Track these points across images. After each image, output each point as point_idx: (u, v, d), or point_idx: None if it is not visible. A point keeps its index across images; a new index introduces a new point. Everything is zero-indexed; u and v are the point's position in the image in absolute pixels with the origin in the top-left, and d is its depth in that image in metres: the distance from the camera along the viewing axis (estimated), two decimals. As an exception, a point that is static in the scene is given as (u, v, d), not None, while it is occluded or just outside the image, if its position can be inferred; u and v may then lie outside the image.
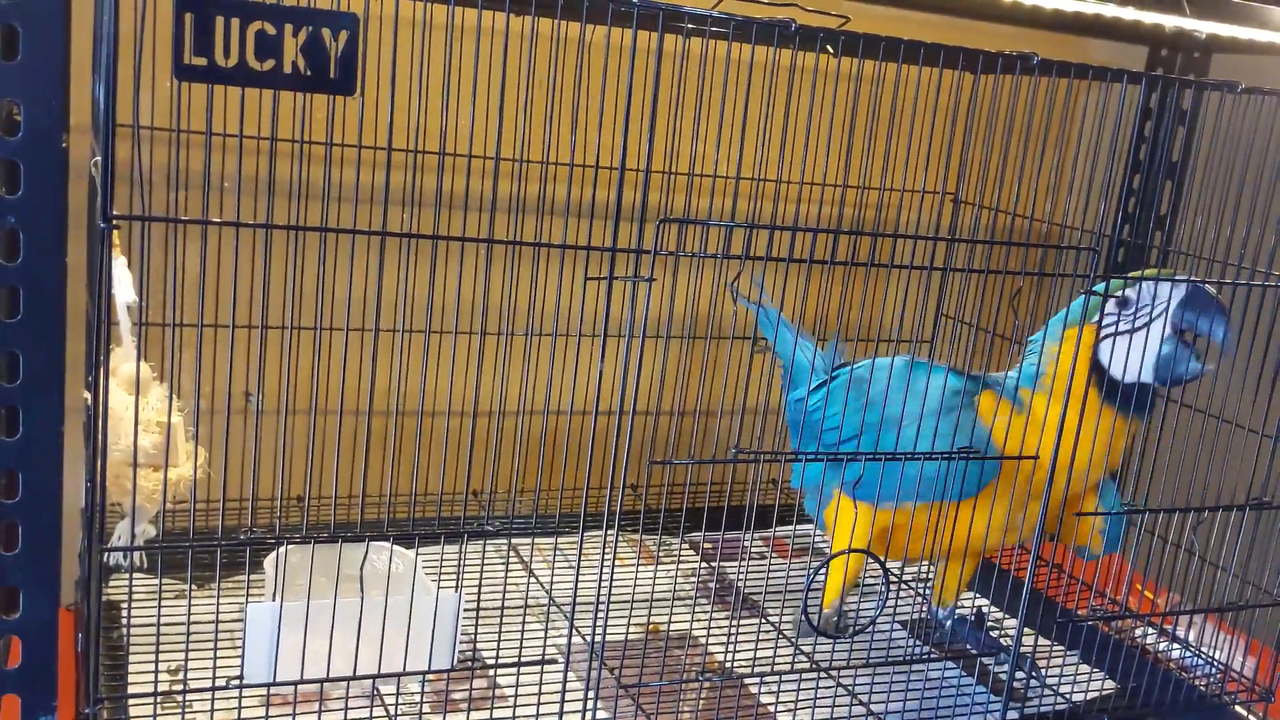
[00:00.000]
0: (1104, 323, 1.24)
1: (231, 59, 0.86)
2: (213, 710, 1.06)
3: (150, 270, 1.15)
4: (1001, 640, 1.44)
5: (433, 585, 1.22)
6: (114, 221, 0.90)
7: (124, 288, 1.19)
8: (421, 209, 1.42)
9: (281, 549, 1.22)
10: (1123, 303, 1.22)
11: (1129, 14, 1.42)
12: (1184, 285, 1.21)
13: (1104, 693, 1.40)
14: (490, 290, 1.21)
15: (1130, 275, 1.25)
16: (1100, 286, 1.24)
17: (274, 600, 1.17)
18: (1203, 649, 1.51)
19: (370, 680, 1.11)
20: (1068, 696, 1.37)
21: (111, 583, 1.33)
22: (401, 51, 1.04)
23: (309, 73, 0.88)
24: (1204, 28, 1.47)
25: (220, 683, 1.04)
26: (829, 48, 1.12)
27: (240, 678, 1.07)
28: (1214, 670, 1.47)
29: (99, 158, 1.01)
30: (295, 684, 1.02)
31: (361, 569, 1.05)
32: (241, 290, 1.02)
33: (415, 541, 1.20)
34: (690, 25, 1.11)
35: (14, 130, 0.84)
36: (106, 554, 1.26)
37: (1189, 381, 1.24)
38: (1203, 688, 1.44)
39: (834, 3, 1.16)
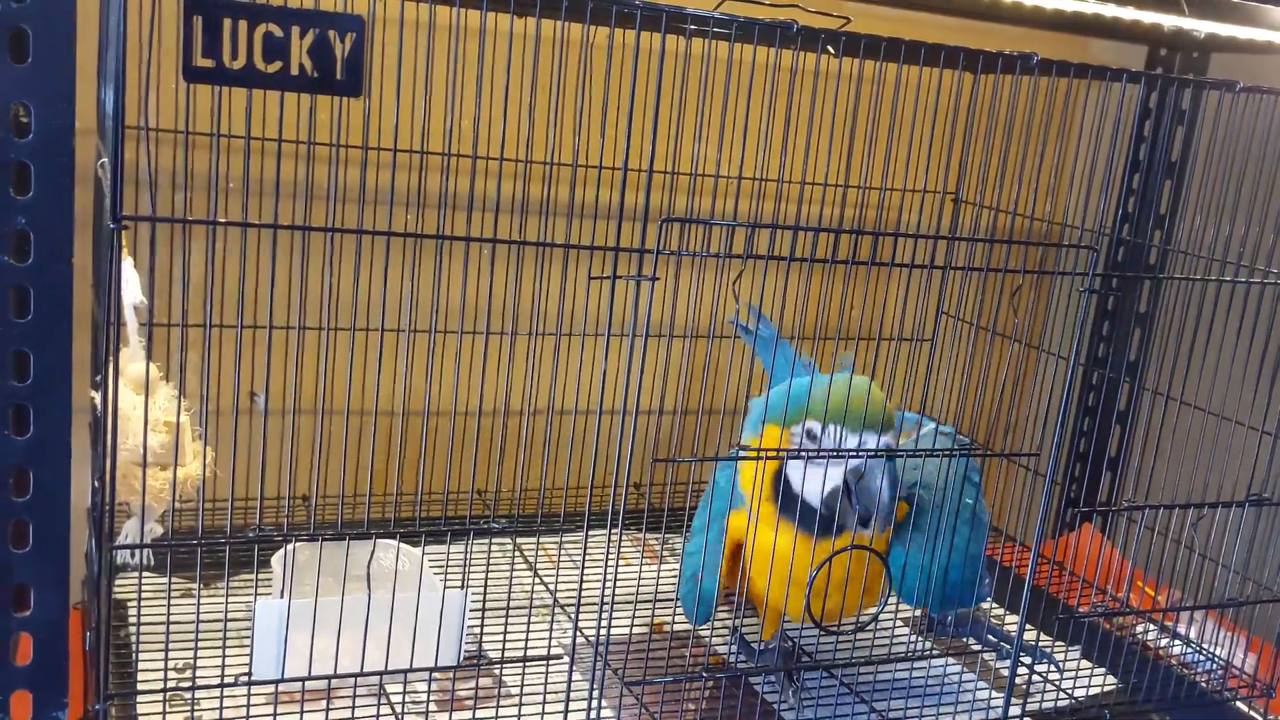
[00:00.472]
0: (793, 438, 1.20)
1: (239, 61, 0.86)
2: (221, 707, 1.07)
3: (157, 271, 1.16)
4: (1005, 633, 1.44)
5: (439, 583, 1.23)
6: (123, 222, 0.90)
7: (131, 288, 1.20)
8: (425, 210, 1.44)
9: (289, 547, 1.23)
10: (810, 434, 1.19)
11: (1128, 14, 1.43)
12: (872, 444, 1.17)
13: (1105, 689, 1.41)
14: (494, 291, 1.22)
15: (833, 404, 1.19)
16: (822, 382, 1.20)
17: (281, 598, 1.18)
18: (1204, 645, 1.51)
19: (377, 678, 1.12)
20: (1069, 692, 1.38)
21: (119, 582, 1.34)
22: (406, 53, 1.05)
23: (315, 74, 0.89)
24: (1202, 27, 1.48)
25: (228, 680, 1.04)
26: (830, 48, 1.13)
27: (248, 675, 1.08)
28: (1215, 666, 1.48)
29: (105, 160, 1.02)
30: (303, 680, 1.03)
31: (368, 567, 1.06)
32: (247, 291, 1.03)
33: (422, 539, 1.21)
34: (693, 26, 1.11)
35: (24, 132, 0.85)
36: (115, 552, 1.27)
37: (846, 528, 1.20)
38: (1204, 684, 1.45)
39: (835, 4, 1.17)
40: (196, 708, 1.15)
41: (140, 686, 1.15)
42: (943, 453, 1.24)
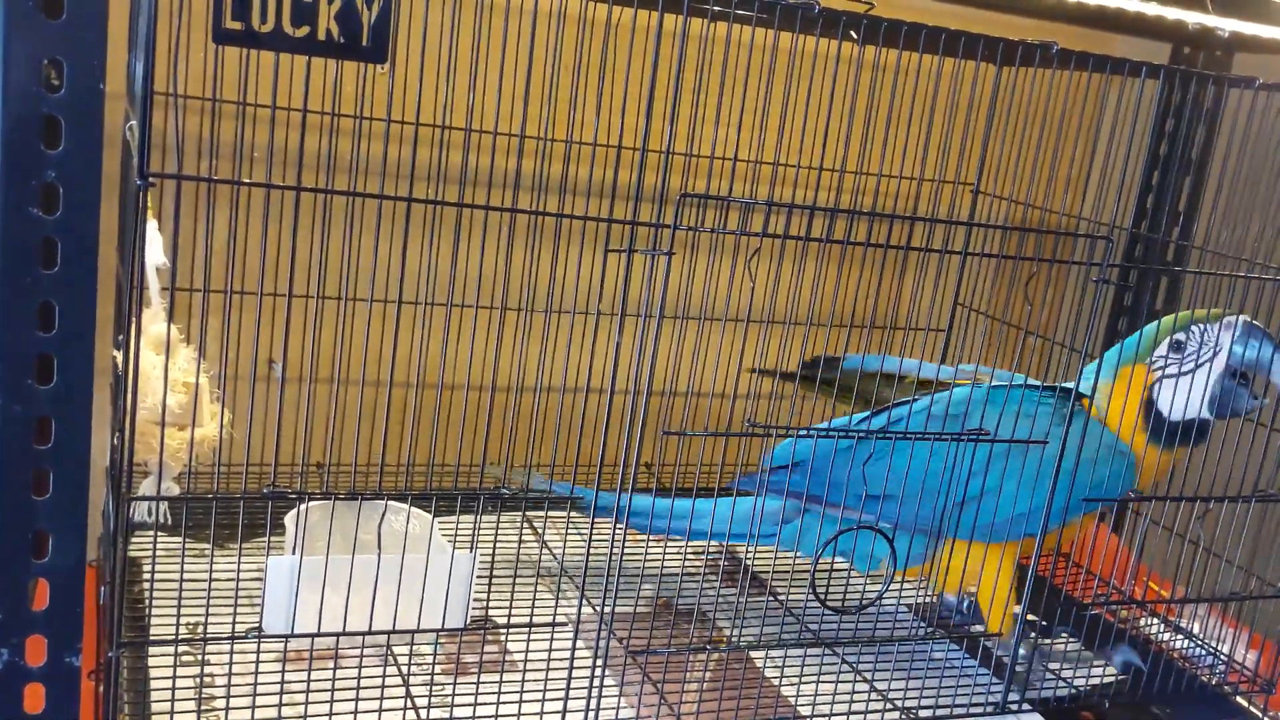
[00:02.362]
0: (1154, 365, 1.28)
1: (268, 24, 0.88)
2: (231, 659, 1.09)
3: (180, 236, 1.18)
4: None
5: (448, 545, 1.25)
6: (149, 179, 0.92)
7: (155, 250, 1.22)
8: (446, 184, 1.45)
9: (302, 506, 1.25)
10: (1175, 346, 1.27)
11: (1151, 9, 1.43)
12: (1237, 325, 1.26)
13: (1106, 680, 1.42)
14: (512, 266, 1.23)
15: (1180, 315, 1.29)
16: (1151, 327, 1.28)
17: (294, 555, 1.20)
18: (1206, 641, 1.52)
19: (385, 637, 1.14)
20: (1070, 681, 1.39)
21: (134, 540, 1.36)
22: (431, 28, 1.07)
23: (342, 40, 0.91)
24: (1226, 25, 1.48)
25: (239, 634, 1.06)
26: (852, 33, 1.14)
27: (259, 628, 1.10)
28: (1217, 661, 1.48)
29: (134, 122, 1.04)
30: (312, 636, 1.04)
31: (380, 528, 1.07)
32: (269, 259, 1.04)
33: (433, 503, 1.23)
34: (716, 8, 1.13)
35: (56, 88, 0.86)
36: (131, 507, 1.29)
37: (1244, 415, 1.29)
38: (1205, 678, 1.45)
39: (859, -11, 1.18)
40: (207, 663, 1.17)
41: (153, 637, 1.17)
42: (951, 436, 1.25)
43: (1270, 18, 1.44)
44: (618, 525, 1.14)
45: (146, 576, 1.29)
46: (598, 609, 1.35)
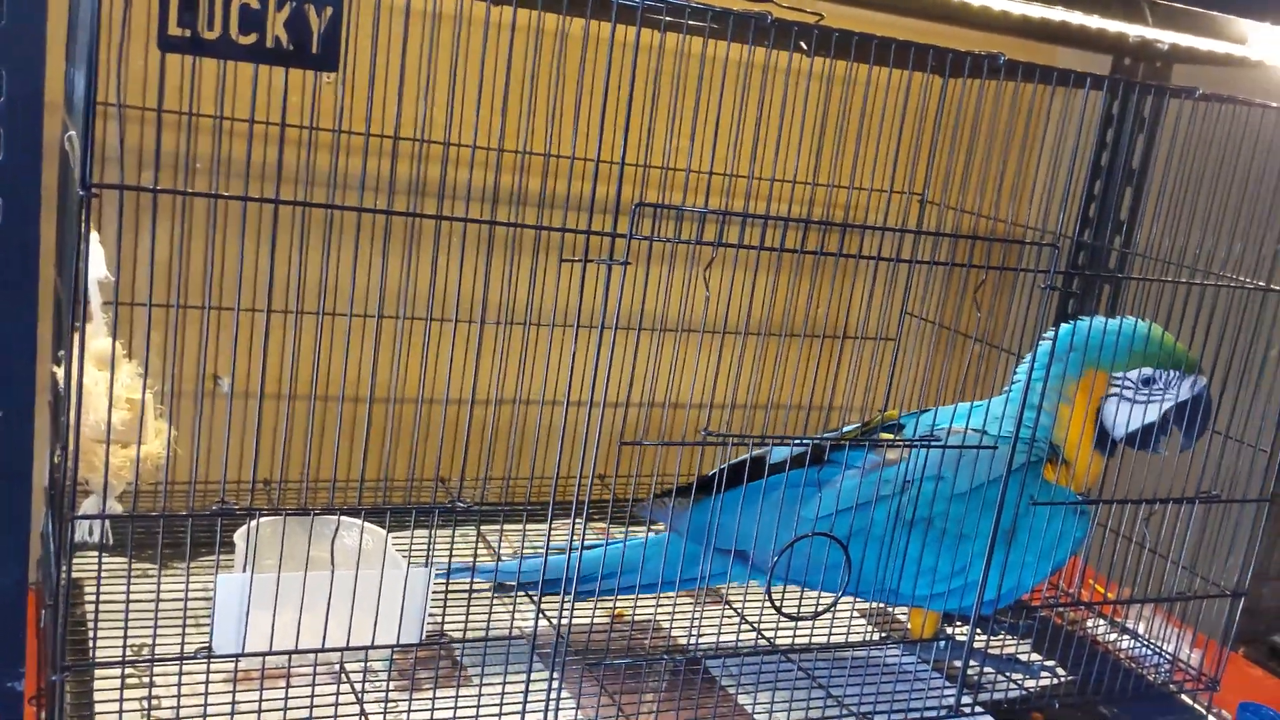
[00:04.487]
0: (1116, 381, 1.33)
1: (214, 31, 0.87)
2: (180, 681, 1.07)
3: (123, 250, 1.16)
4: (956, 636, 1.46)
5: (402, 561, 1.23)
6: (92, 190, 0.90)
7: (96, 263, 1.19)
8: (396, 195, 1.44)
9: (252, 523, 1.22)
10: (1145, 379, 1.32)
11: (1094, 21, 1.45)
12: (1197, 385, 1.33)
13: (1055, 681, 1.44)
14: (463, 278, 1.22)
15: (1165, 344, 1.34)
16: (1128, 326, 1.33)
17: (244, 573, 1.17)
18: (1152, 640, 1.54)
19: (338, 655, 1.12)
20: (1019, 683, 1.40)
21: (76, 560, 1.32)
22: (380, 39, 1.06)
23: (291, 48, 0.89)
24: (1166, 37, 1.50)
25: (187, 654, 1.04)
26: (802, 44, 1.15)
27: (208, 648, 1.08)
28: (1162, 661, 1.51)
29: (73, 133, 1.02)
30: (263, 655, 1.02)
31: (332, 545, 1.06)
32: (214, 270, 1.02)
33: (386, 519, 1.21)
34: (668, 18, 1.13)
35: (-7, 97, 0.84)
36: (73, 526, 1.26)
37: (1149, 452, 1.37)
38: (1151, 677, 1.47)
39: (809, 2, 1.18)
40: (154, 685, 1.14)
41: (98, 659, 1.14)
42: (908, 443, 1.26)
43: (1208, 30, 1.47)
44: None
45: (90, 598, 1.26)
46: (554, 622, 1.34)
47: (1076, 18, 1.44)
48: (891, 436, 1.33)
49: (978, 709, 1.33)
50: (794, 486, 1.29)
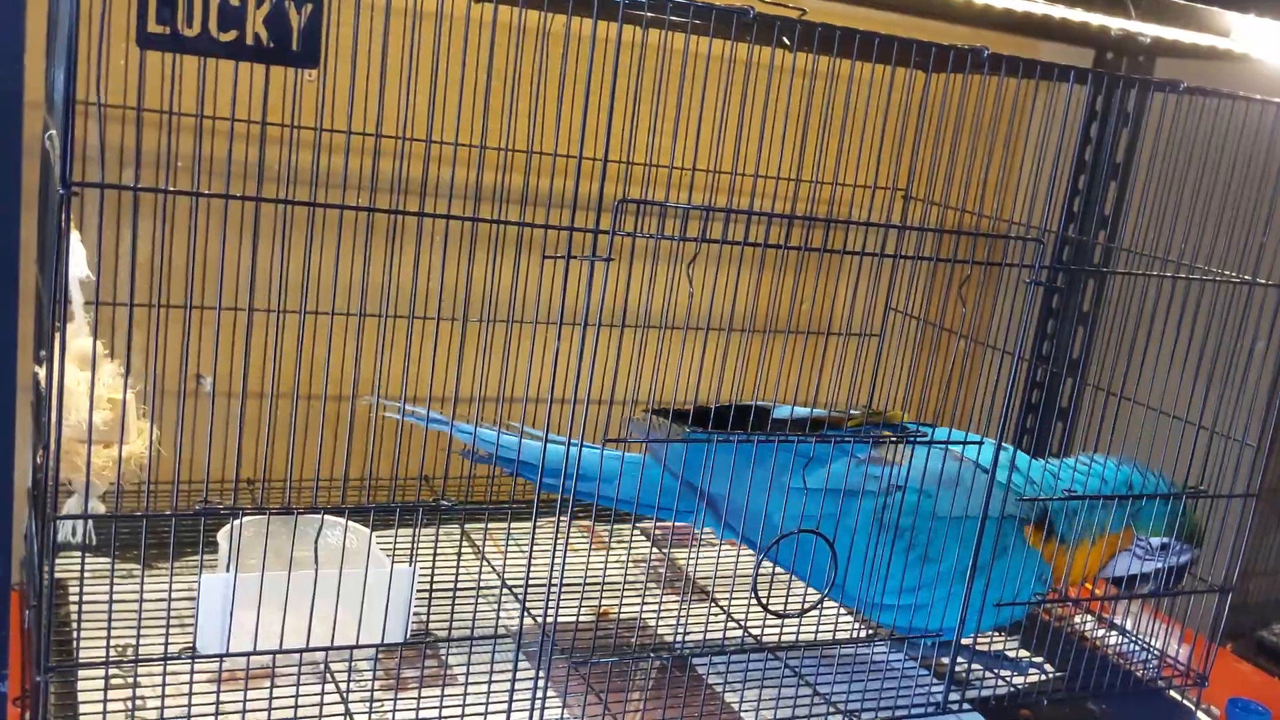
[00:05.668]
0: (1140, 542, 1.38)
1: (194, 28, 0.86)
2: (164, 681, 1.06)
3: (104, 248, 1.15)
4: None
5: (386, 560, 1.22)
6: (72, 189, 0.90)
7: (78, 262, 1.19)
8: (378, 193, 1.43)
9: (236, 522, 1.22)
10: (1163, 546, 1.38)
11: (1076, 15, 1.46)
12: (1189, 554, 1.40)
13: (1043, 677, 1.44)
14: (445, 275, 1.21)
15: (1190, 522, 1.40)
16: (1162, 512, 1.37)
17: (228, 572, 1.17)
18: (1140, 637, 1.55)
19: (323, 654, 1.11)
20: (1007, 680, 1.40)
21: (59, 561, 1.32)
22: (361, 36, 1.05)
23: (271, 45, 0.89)
24: (1149, 30, 1.51)
25: (171, 654, 1.03)
26: (785, 39, 1.14)
27: (193, 649, 1.07)
28: (1151, 656, 1.51)
29: (53, 132, 1.01)
30: (248, 655, 1.02)
31: (315, 542, 1.05)
32: (195, 271, 1.02)
33: (370, 518, 1.21)
34: (650, 14, 1.12)
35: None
36: (56, 526, 1.25)
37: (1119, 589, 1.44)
38: (1139, 673, 1.48)
39: (791, -2, 1.18)
40: (138, 686, 1.13)
41: (82, 660, 1.14)
42: (898, 438, 1.25)
43: (1190, 23, 1.47)
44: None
45: (73, 598, 1.26)
46: (539, 620, 1.33)
47: (1059, 11, 1.45)
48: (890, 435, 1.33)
49: (965, 706, 1.33)
50: (785, 451, 1.29)
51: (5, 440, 0.90)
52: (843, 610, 1.51)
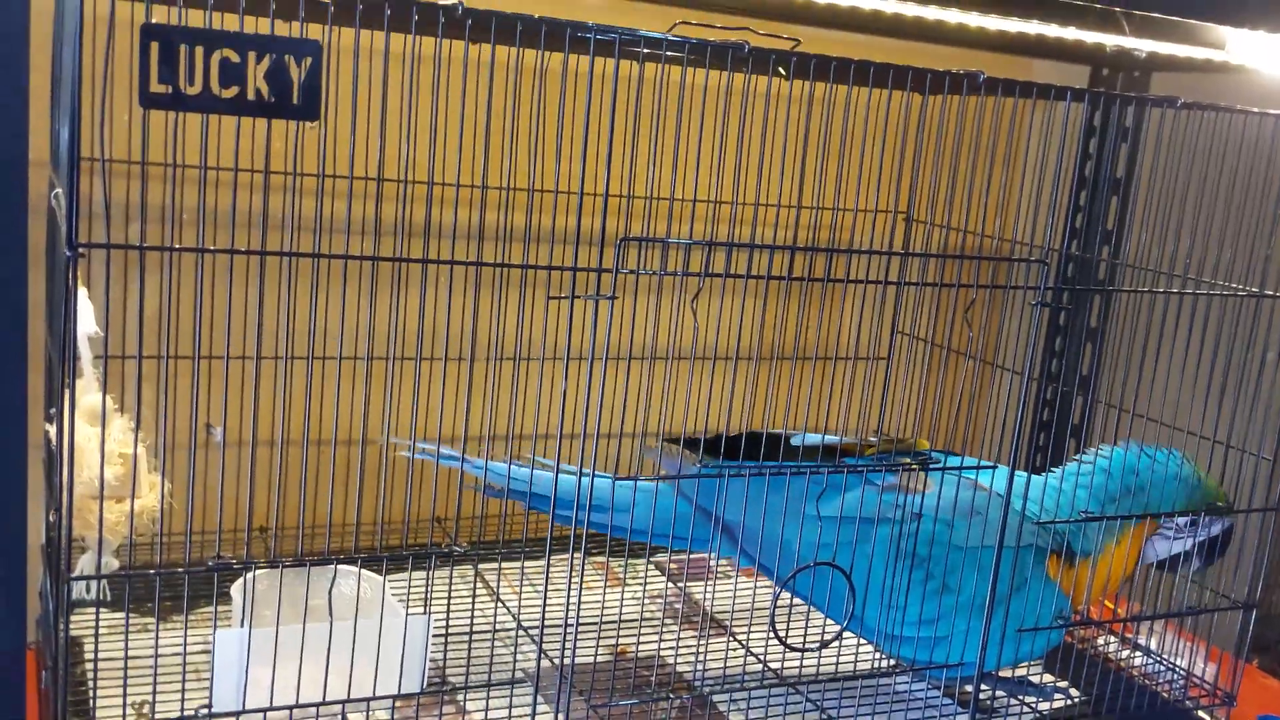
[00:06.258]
0: (1166, 525, 1.37)
1: (195, 86, 0.86)
2: (181, 741, 1.05)
3: (111, 302, 1.15)
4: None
5: (401, 609, 1.22)
6: (79, 250, 0.90)
7: (86, 319, 1.19)
8: (382, 237, 1.43)
9: (248, 575, 1.21)
10: (1192, 524, 1.37)
11: (1070, 34, 1.46)
12: (1222, 522, 1.38)
13: (1069, 702, 1.42)
14: (451, 317, 1.22)
15: (1208, 488, 1.39)
16: (1173, 470, 1.36)
17: (242, 627, 1.16)
18: (1164, 656, 1.53)
19: (340, 706, 1.11)
20: (1033, 707, 1.38)
21: (74, 618, 1.31)
22: (361, 81, 1.05)
23: (272, 99, 0.89)
24: (1144, 46, 1.51)
25: (188, 713, 1.03)
26: (781, 69, 1.15)
27: (209, 707, 1.06)
28: (1176, 677, 1.49)
29: (59, 190, 1.02)
30: (264, 711, 1.01)
31: (329, 594, 1.05)
32: (203, 322, 1.02)
33: (383, 565, 1.20)
34: (646, 50, 1.13)
35: (-24, 160, 0.84)
36: (71, 585, 1.25)
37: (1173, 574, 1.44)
38: (1166, 694, 1.46)
39: (785, 27, 1.18)
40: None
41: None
42: (912, 465, 1.25)
43: (1185, 38, 1.47)
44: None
45: (89, 656, 1.25)
46: (556, 662, 1.32)
47: (1053, 30, 1.45)
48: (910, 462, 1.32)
49: (990, 731, 1.32)
50: (802, 480, 1.29)
51: (18, 500, 0.89)
52: (863, 641, 1.50)
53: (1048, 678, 1.45)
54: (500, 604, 1.50)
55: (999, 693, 1.40)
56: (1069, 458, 1.44)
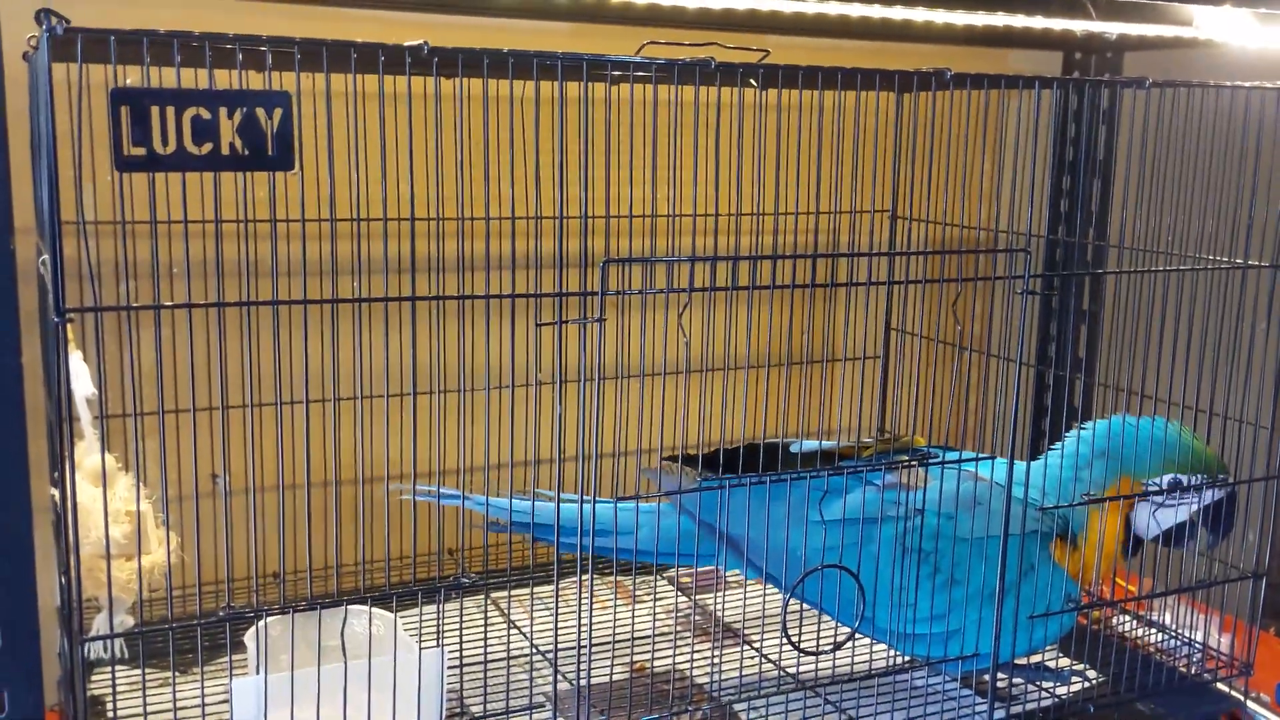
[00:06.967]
0: (1150, 486, 1.35)
1: (169, 146, 0.88)
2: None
3: (106, 361, 1.16)
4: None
5: (415, 644, 1.22)
6: (67, 315, 0.91)
7: (82, 381, 1.20)
8: (371, 275, 1.44)
9: (261, 623, 1.22)
10: (1175, 483, 1.34)
11: (1038, 22, 1.47)
12: (1215, 493, 1.35)
13: (1087, 684, 1.42)
14: (446, 350, 1.23)
15: (1195, 451, 1.35)
16: (1157, 431, 1.34)
17: (258, 674, 1.17)
18: (1180, 630, 1.53)
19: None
20: (1052, 691, 1.39)
21: (94, 677, 1.32)
22: (336, 122, 1.07)
23: (246, 152, 0.90)
24: (1112, 29, 1.52)
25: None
26: (751, 81, 1.16)
27: (231, 756, 1.07)
28: (1193, 650, 1.50)
29: (46, 256, 1.03)
30: (286, 756, 1.02)
31: (342, 635, 1.05)
32: (199, 373, 1.03)
33: (394, 601, 1.21)
34: (615, 72, 1.14)
35: (-40, 234, 0.85)
36: (87, 646, 1.26)
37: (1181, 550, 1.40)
38: (1183, 668, 1.46)
39: (754, 37, 1.19)
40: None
41: (123, 781, 1.14)
42: (912, 462, 1.25)
43: (1150, 17, 1.48)
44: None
45: (110, 715, 1.26)
46: (574, 683, 1.33)
47: (1020, 21, 1.46)
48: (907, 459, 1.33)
49: (1010, 721, 1.32)
50: (802, 487, 1.29)
51: (26, 570, 0.90)
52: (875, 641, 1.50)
53: (1064, 661, 1.46)
54: (515, 629, 1.50)
55: (1016, 680, 1.40)
56: (1063, 437, 1.44)
